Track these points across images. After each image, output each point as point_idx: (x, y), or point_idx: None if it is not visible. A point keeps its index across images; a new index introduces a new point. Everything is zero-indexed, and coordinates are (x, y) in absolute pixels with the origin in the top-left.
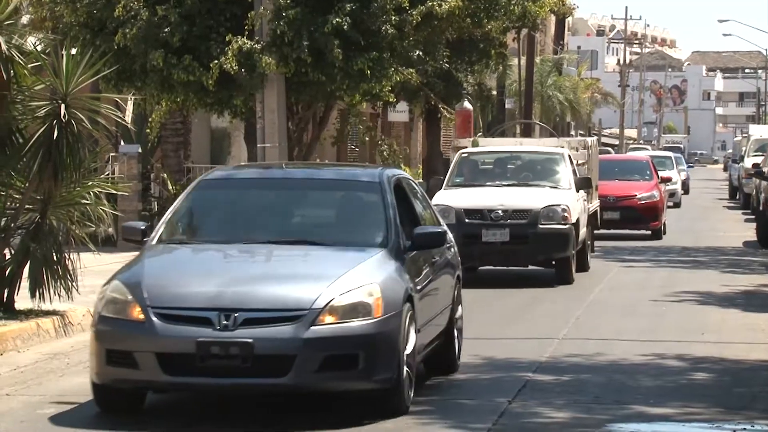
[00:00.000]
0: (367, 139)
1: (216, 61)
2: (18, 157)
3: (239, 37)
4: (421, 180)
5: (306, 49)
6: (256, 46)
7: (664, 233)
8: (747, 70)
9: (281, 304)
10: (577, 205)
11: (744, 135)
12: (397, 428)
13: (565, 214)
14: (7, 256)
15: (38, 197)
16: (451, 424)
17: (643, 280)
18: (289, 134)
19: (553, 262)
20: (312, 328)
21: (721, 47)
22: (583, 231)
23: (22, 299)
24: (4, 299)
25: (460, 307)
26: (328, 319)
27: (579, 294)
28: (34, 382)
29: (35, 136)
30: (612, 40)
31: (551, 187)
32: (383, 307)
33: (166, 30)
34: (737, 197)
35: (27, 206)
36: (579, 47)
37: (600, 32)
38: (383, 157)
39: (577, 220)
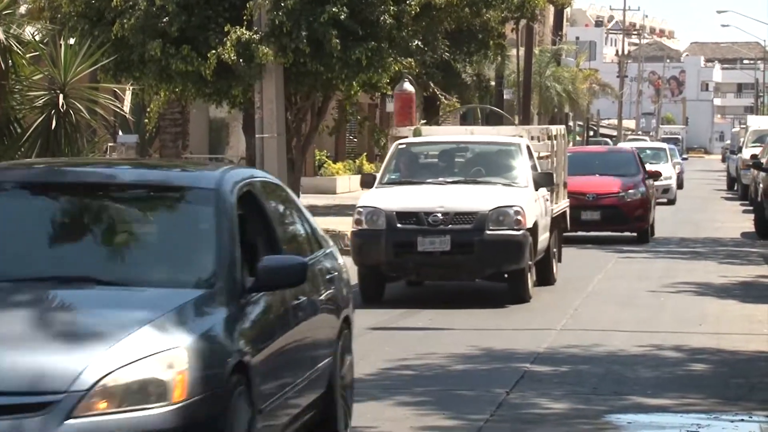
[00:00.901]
0: (364, 130)
1: (214, 51)
2: (16, 147)
3: (238, 27)
4: None
5: (304, 40)
6: (254, 36)
7: (652, 235)
8: (745, 61)
9: (25, 385)
10: (535, 207)
11: (742, 126)
12: (395, 418)
13: (519, 218)
14: None
15: None
16: (449, 414)
17: (641, 271)
18: (288, 124)
19: (506, 276)
20: (69, 421)
21: (720, 38)
22: (544, 237)
23: None
24: None
25: (349, 359)
26: (99, 405)
27: (577, 285)
28: None
29: (33, 126)
30: (610, 31)
31: (505, 184)
32: (190, 385)
33: (164, 20)
34: (735, 188)
35: None
36: (577, 38)
37: (598, 23)
38: (380, 146)
39: (535, 224)
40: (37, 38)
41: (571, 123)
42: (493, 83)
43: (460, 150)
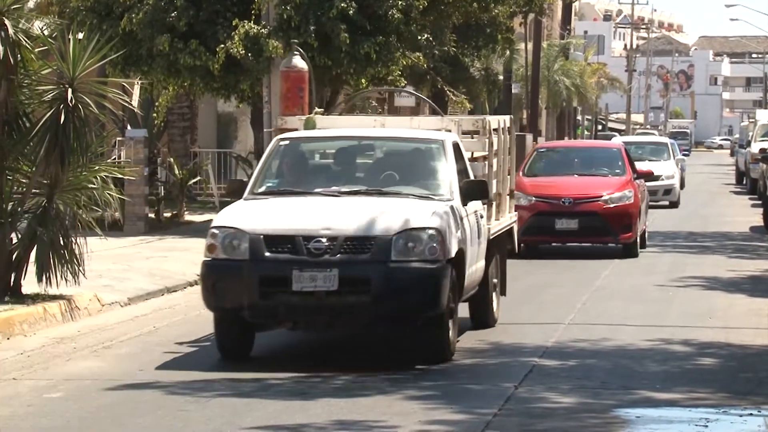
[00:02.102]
0: None
1: (222, 46)
2: (25, 141)
3: (246, 21)
4: None
5: (312, 34)
6: (262, 30)
7: (643, 247)
8: (754, 55)
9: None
10: (461, 228)
11: (751, 120)
12: (403, 413)
13: (436, 244)
14: (14, 241)
15: (45, 182)
16: (458, 409)
17: (649, 265)
18: None
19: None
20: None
21: (729, 32)
22: (476, 268)
23: (29, 283)
24: (11, 284)
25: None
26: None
27: (585, 279)
28: (40, 366)
29: (42, 121)
30: (619, 25)
31: (420, 197)
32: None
33: (172, 14)
34: (744, 182)
35: (34, 190)
36: (586, 32)
37: (607, 17)
38: None
39: (461, 252)
40: (46, 33)
41: (579, 117)
42: (501, 77)
43: (364, 149)
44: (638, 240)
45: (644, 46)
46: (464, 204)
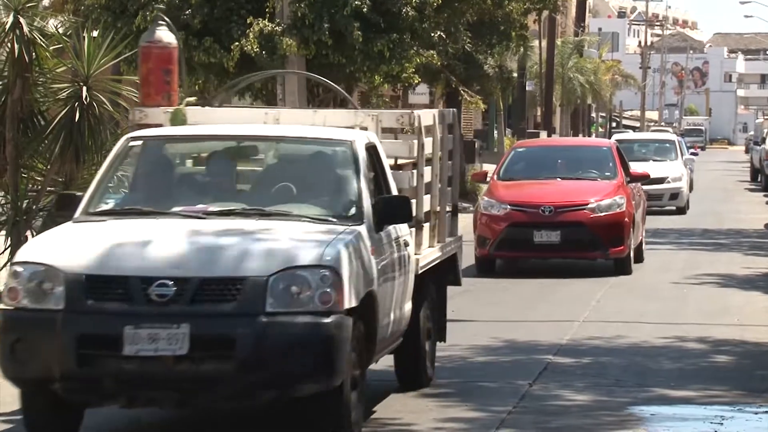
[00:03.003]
0: None
1: (237, 43)
2: (40, 139)
3: (260, 19)
4: None
5: (326, 31)
6: (276, 28)
7: (640, 261)
8: None
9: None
10: (370, 263)
11: (766, 117)
12: (418, 410)
13: (328, 289)
14: (30, 238)
15: (60, 179)
16: (472, 406)
17: (664, 262)
18: None
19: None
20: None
21: (743, 29)
22: (399, 314)
23: None
24: None
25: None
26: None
27: (599, 277)
28: None
29: (57, 119)
30: (633, 22)
31: (314, 219)
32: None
33: (186, 12)
34: (758, 179)
35: (49, 188)
36: (600, 29)
37: (621, 14)
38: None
39: (370, 295)
40: (61, 30)
41: (593, 114)
42: (515, 75)
43: (246, 152)
44: (632, 254)
45: (658, 43)
46: (379, 229)
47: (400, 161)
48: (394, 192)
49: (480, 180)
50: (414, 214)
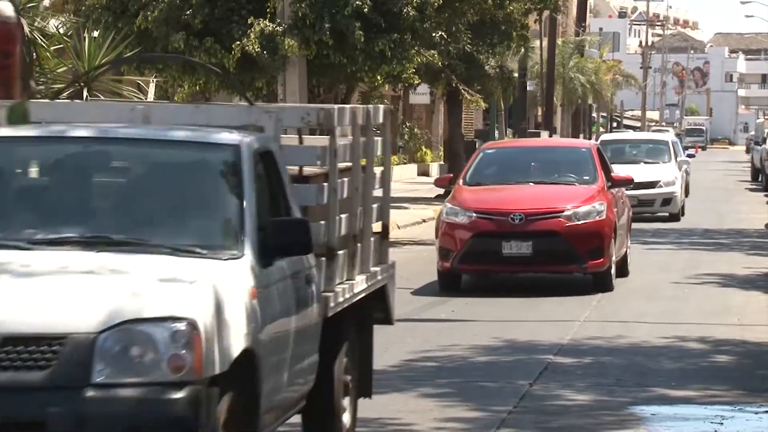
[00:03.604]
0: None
1: (238, 43)
2: None
3: (261, 19)
4: (442, 162)
5: (327, 32)
6: (277, 28)
7: (624, 275)
8: None
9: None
10: (250, 310)
11: (766, 117)
12: (418, 410)
13: (181, 351)
14: None
15: None
16: (473, 406)
17: (665, 262)
18: None
19: None
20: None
21: (744, 29)
22: (298, 371)
23: None
24: None
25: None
26: None
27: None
28: None
29: None
30: (634, 22)
31: (180, 250)
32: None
33: (187, 12)
34: (759, 179)
35: None
36: (601, 29)
37: (622, 14)
38: (404, 139)
39: (249, 355)
40: (61, 31)
41: (594, 114)
42: (516, 75)
43: (100, 160)
44: (613, 268)
45: (659, 43)
46: (268, 263)
47: (307, 171)
48: (295, 212)
49: (444, 185)
50: (325, 240)
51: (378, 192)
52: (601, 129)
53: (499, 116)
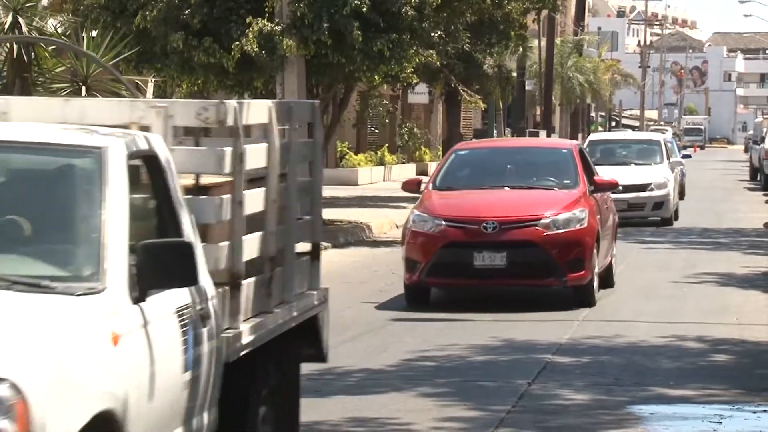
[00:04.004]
0: (387, 121)
1: (237, 43)
2: None
3: (259, 19)
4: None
5: (326, 31)
6: (276, 28)
7: (608, 286)
8: None
9: None
10: (111, 360)
11: (765, 116)
12: (417, 410)
13: (2, 421)
14: None
15: None
16: (471, 405)
17: (663, 261)
18: None
19: None
20: None
21: (742, 28)
22: None
23: None
24: None
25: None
26: None
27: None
28: None
29: None
30: (632, 21)
31: (22, 283)
32: None
33: (186, 12)
34: (758, 178)
35: None
36: (599, 28)
37: (620, 13)
38: (403, 139)
39: (107, 419)
40: (60, 30)
41: (593, 114)
42: (514, 74)
43: None
44: (596, 280)
45: (658, 43)
46: (140, 297)
47: (204, 180)
48: (187, 231)
49: (413, 189)
50: (228, 265)
51: (306, 204)
52: (600, 128)
53: (498, 116)
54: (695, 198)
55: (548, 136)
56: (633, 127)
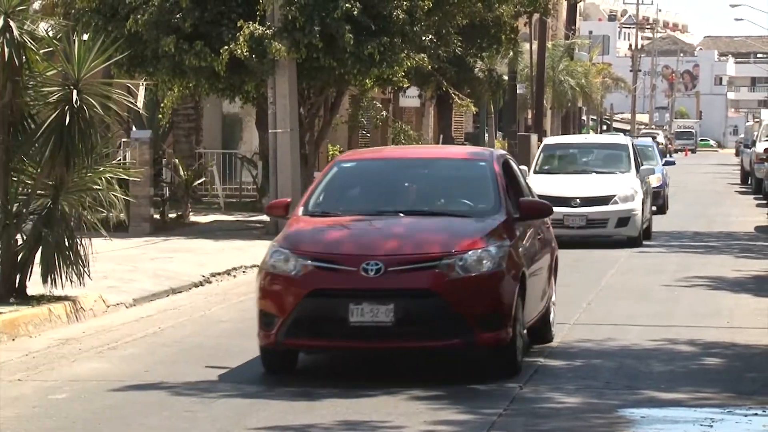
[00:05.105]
0: (380, 123)
1: (226, 48)
2: (30, 142)
3: (250, 22)
4: None
5: (317, 35)
6: (267, 31)
7: (544, 341)
8: (759, 55)
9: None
10: None
11: (756, 120)
12: (408, 413)
13: None
14: (19, 242)
15: (50, 183)
16: (463, 409)
17: (655, 264)
18: (301, 120)
19: None
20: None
21: (733, 32)
22: None
23: (34, 285)
24: (17, 285)
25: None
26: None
27: (591, 279)
28: (46, 367)
29: (47, 122)
30: (624, 25)
31: None
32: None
33: (177, 16)
34: (749, 182)
35: (39, 192)
36: (591, 32)
37: (612, 17)
38: (399, 141)
39: None
40: (51, 34)
41: (584, 117)
42: (505, 78)
43: None
44: (520, 338)
45: (649, 46)
46: None
47: None
48: None
49: (280, 214)
50: None
51: None
52: (591, 131)
53: (489, 119)
54: (686, 202)
55: (539, 140)
56: (624, 131)
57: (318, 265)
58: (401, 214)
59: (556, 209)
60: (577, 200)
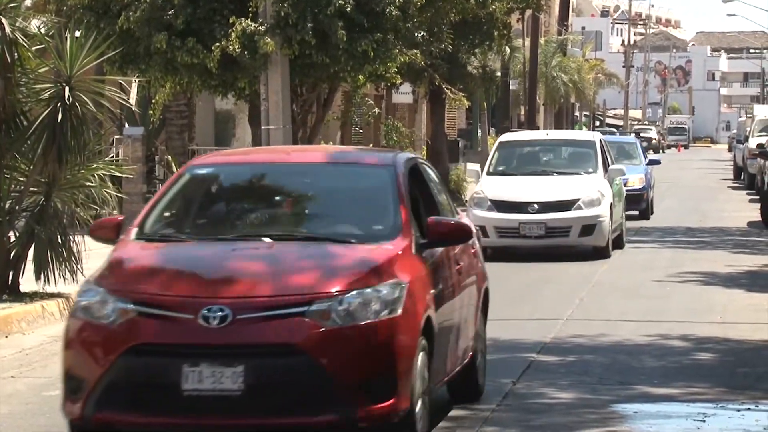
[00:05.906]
0: (372, 120)
1: (218, 44)
2: (22, 139)
3: (243, 19)
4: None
5: (310, 31)
6: (259, 28)
7: (471, 400)
8: (752, 51)
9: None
10: None
11: (748, 115)
12: None
13: None
14: (12, 239)
15: (43, 180)
16: (455, 405)
17: (647, 260)
18: (294, 116)
19: None
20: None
21: (726, 27)
22: None
23: (27, 282)
24: (9, 282)
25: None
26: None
27: (584, 275)
28: (39, 364)
29: (39, 119)
30: (616, 21)
31: None
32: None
33: (169, 12)
34: (742, 177)
35: (31, 189)
36: (583, 28)
37: (604, 13)
38: (391, 138)
39: None
40: (43, 31)
41: (577, 113)
42: (498, 74)
43: None
44: (423, 408)
45: (642, 42)
46: None
47: None
48: None
49: (109, 237)
50: None
51: None
52: (584, 128)
53: (482, 115)
54: (679, 197)
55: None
56: (617, 127)
57: (143, 310)
58: (267, 239)
59: (511, 216)
60: (535, 205)
